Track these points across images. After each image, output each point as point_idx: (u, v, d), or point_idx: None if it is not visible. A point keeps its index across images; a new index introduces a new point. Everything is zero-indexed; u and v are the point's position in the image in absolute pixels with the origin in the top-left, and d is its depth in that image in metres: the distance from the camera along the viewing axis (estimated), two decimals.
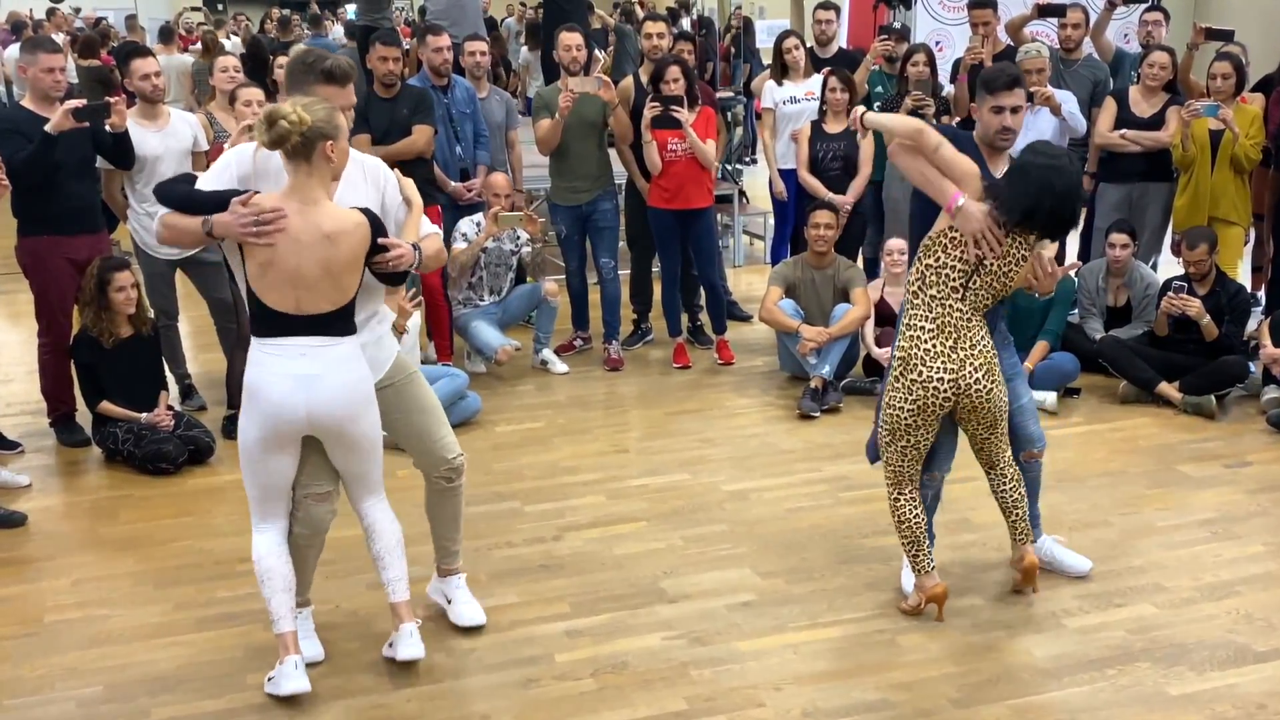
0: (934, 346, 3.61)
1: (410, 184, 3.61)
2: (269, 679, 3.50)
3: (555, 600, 4.05)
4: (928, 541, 3.86)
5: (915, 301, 3.67)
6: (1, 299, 5.23)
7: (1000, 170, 3.74)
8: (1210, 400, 5.71)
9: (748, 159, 12.90)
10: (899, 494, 3.83)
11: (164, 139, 5.58)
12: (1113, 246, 6.20)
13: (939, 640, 3.77)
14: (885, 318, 6.19)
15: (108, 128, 5.23)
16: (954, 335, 3.62)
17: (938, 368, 3.61)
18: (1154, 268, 6.66)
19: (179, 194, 3.33)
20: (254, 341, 3.34)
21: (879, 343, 6.07)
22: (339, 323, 3.33)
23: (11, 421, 5.75)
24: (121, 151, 5.37)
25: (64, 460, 5.43)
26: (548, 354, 6.61)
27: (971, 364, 3.63)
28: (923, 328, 3.63)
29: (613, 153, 6.70)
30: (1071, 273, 5.52)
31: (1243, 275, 6.66)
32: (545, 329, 6.60)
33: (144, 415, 5.29)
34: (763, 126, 7.24)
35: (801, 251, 6.45)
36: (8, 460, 5.32)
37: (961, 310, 3.62)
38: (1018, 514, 3.91)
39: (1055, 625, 3.85)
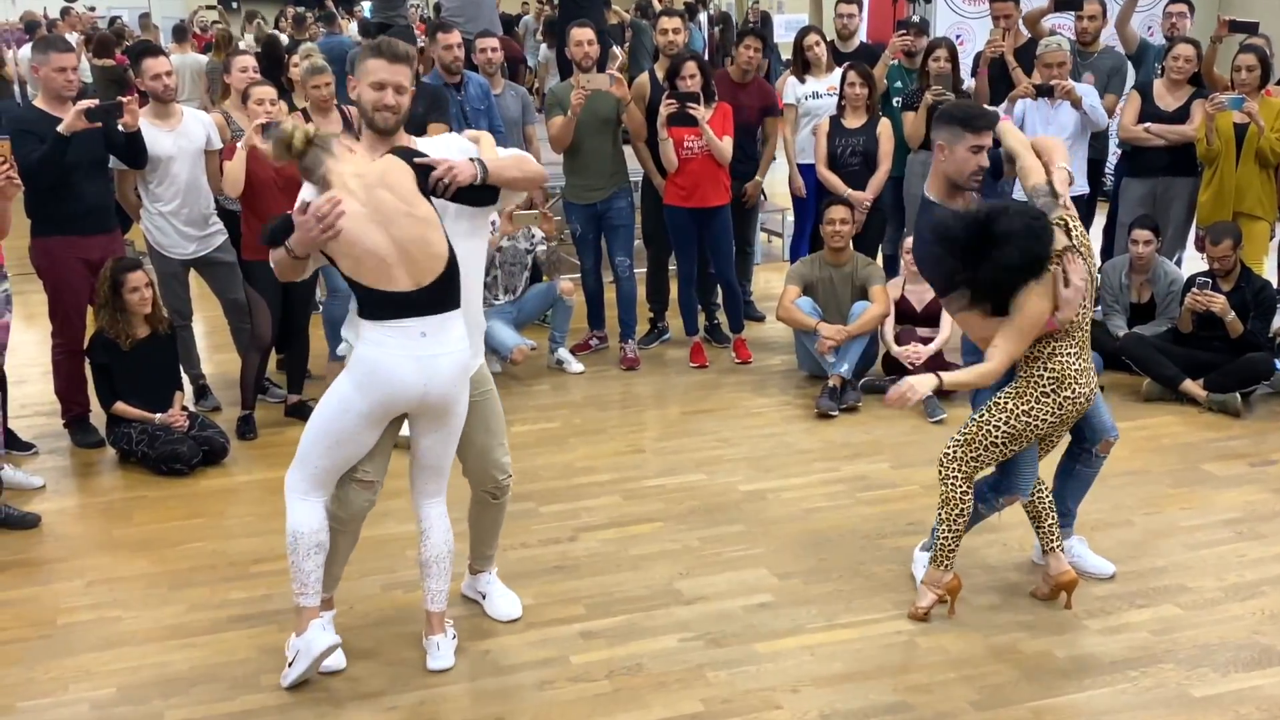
0: (1080, 364, 3.71)
1: (488, 137, 3.59)
2: (289, 657, 3.53)
3: (570, 602, 4.06)
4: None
5: (1055, 338, 3.67)
6: (15, 300, 5.25)
7: (959, 205, 3.79)
8: (1235, 398, 5.67)
9: None
10: (969, 486, 3.81)
11: (176, 139, 5.61)
12: (1135, 243, 6.16)
13: (958, 642, 3.76)
14: (905, 315, 6.17)
15: (120, 127, 5.26)
16: (1085, 345, 3.74)
17: (1084, 382, 3.71)
18: (1178, 263, 6.62)
19: (266, 234, 3.37)
20: (367, 324, 3.33)
21: (899, 340, 6.05)
22: (449, 293, 3.35)
23: (25, 423, 5.78)
24: (134, 151, 5.40)
25: (78, 461, 5.46)
26: (563, 353, 6.62)
27: (1090, 365, 3.76)
28: (1070, 352, 3.68)
29: (628, 150, 6.69)
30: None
31: (1268, 271, 6.61)
32: (561, 328, 6.60)
33: (158, 416, 5.32)
34: (783, 122, 7.23)
35: (821, 249, 6.43)
36: (21, 461, 5.36)
37: (1088, 312, 3.72)
38: (1052, 520, 3.91)
39: (1077, 626, 3.83)
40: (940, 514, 3.84)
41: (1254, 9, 8.13)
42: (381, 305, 3.30)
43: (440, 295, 3.33)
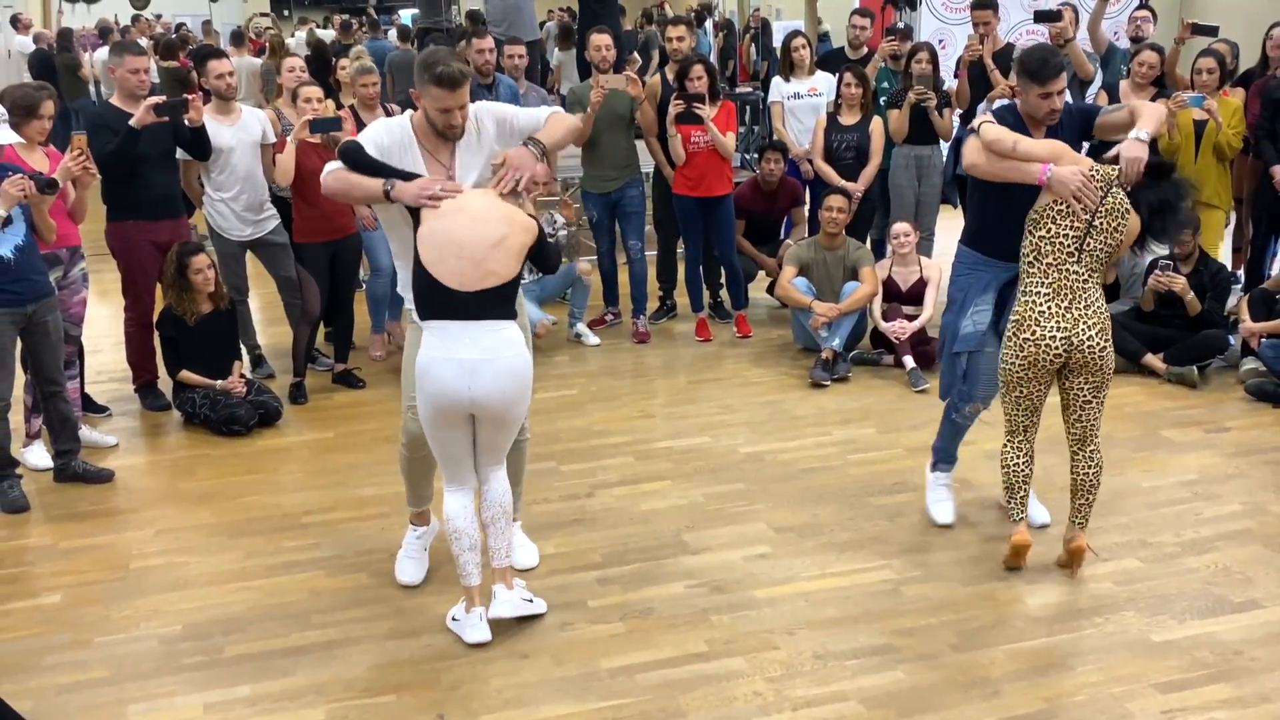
0: (1049, 308, 3.54)
1: (547, 116, 3.55)
2: (453, 618, 3.51)
3: (588, 551, 4.03)
4: (1022, 492, 3.74)
5: (1031, 271, 3.58)
6: (92, 278, 5.23)
7: (1040, 138, 3.71)
8: (1192, 371, 5.60)
9: None
10: (1009, 440, 3.76)
11: (236, 132, 5.57)
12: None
13: (939, 590, 3.72)
14: (891, 294, 6.11)
15: (186, 122, 5.22)
16: (1069, 297, 3.55)
17: (1051, 326, 3.54)
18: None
19: (369, 161, 3.33)
20: (421, 325, 3.30)
21: (886, 317, 6.00)
22: (502, 305, 3.26)
23: (101, 388, 5.77)
24: (199, 143, 5.36)
25: (147, 423, 5.45)
26: (581, 328, 6.58)
27: (1085, 322, 3.55)
28: (1039, 293, 3.56)
29: (640, 144, 6.63)
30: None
31: (1224, 255, 6.53)
32: (579, 305, 6.56)
33: (219, 383, 5.30)
34: (775, 116, 7.16)
35: (815, 234, 6.37)
36: (97, 422, 5.35)
37: (1078, 273, 3.54)
38: (1090, 499, 3.76)
39: (1047, 577, 3.79)
40: None
41: (1214, 16, 7.98)
42: (431, 299, 3.23)
43: (487, 304, 3.23)
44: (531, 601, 3.57)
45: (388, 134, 3.44)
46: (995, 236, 3.79)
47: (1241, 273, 6.80)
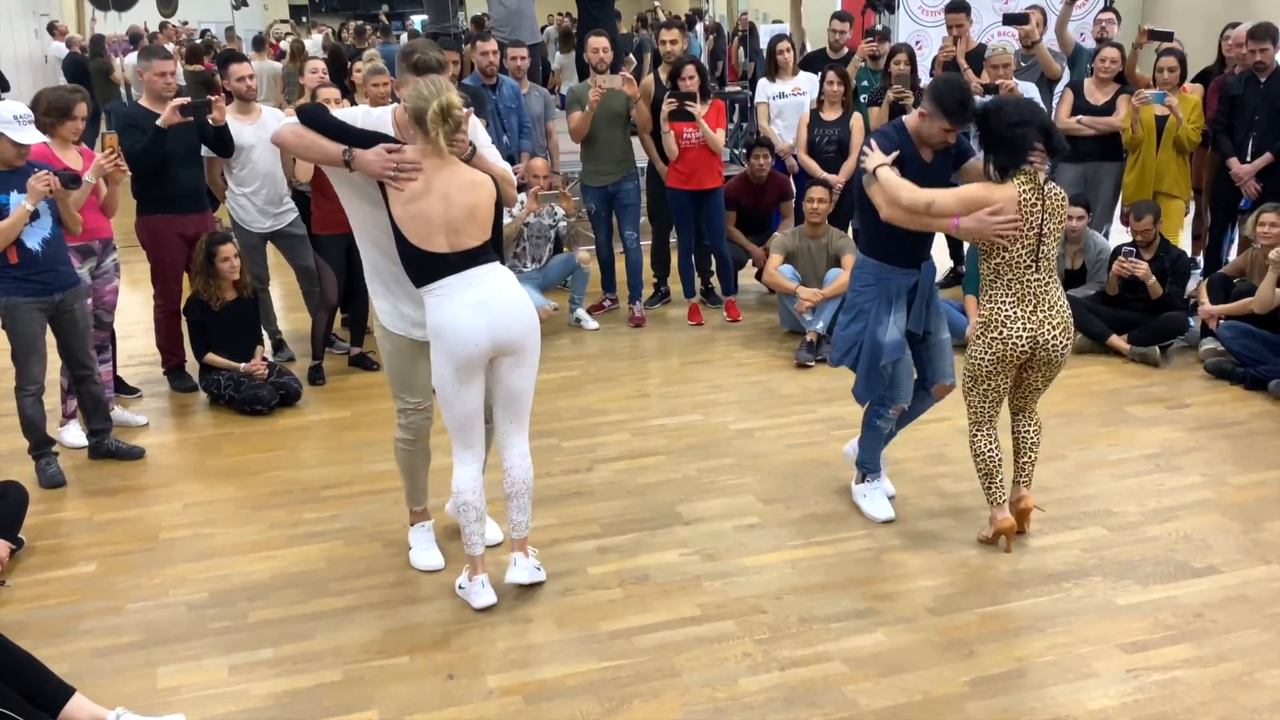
0: (1014, 312, 3.47)
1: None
2: (460, 586, 3.47)
3: (588, 522, 4.00)
4: (1000, 475, 3.67)
5: (995, 283, 3.50)
6: (123, 268, 5.18)
7: (928, 157, 3.65)
8: (1155, 351, 5.57)
9: None
10: (977, 431, 3.66)
11: (256, 131, 5.50)
12: (1069, 218, 6.02)
13: (917, 557, 3.69)
14: None
15: (210, 122, 5.16)
16: (1034, 301, 3.48)
17: (1017, 328, 3.46)
18: (1106, 236, 6.48)
19: (330, 121, 3.13)
20: (421, 291, 3.17)
21: None
22: (489, 252, 3.19)
23: (132, 371, 5.73)
24: (222, 142, 5.30)
25: (175, 403, 5.41)
26: (581, 313, 6.53)
27: (1050, 323, 3.48)
28: (1004, 299, 3.48)
29: (636, 140, 6.56)
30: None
31: (1184, 242, 6.48)
32: (579, 292, 6.51)
33: (243, 365, 5.26)
34: (760, 115, 7.10)
35: (800, 224, 6.31)
36: (129, 403, 5.30)
37: (1039, 279, 3.48)
38: (1032, 457, 3.73)
39: (1018, 544, 3.75)
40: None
41: (1174, 17, 7.91)
42: (423, 266, 3.15)
43: (475, 255, 3.16)
44: (539, 570, 3.55)
45: (366, 118, 3.26)
46: (897, 245, 3.68)
47: (1200, 258, 6.76)
